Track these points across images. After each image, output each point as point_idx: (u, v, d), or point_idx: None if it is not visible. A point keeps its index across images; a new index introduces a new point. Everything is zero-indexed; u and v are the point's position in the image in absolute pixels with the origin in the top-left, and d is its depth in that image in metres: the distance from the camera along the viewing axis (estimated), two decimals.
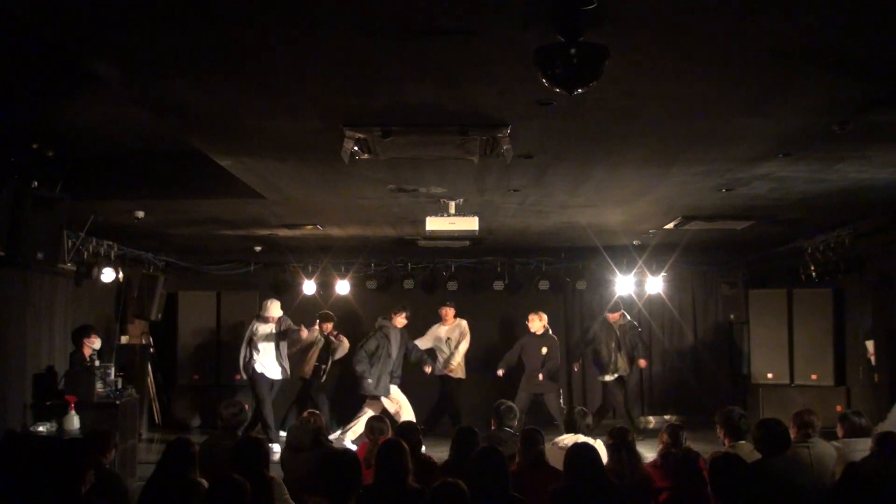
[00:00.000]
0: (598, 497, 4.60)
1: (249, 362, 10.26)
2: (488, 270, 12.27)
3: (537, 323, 10.89)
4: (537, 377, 10.68)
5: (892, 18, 3.21)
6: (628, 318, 11.38)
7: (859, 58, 3.67)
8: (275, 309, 10.44)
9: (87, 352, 8.79)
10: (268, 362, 10.29)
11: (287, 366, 10.45)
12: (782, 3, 3.08)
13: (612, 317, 11.24)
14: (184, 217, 8.30)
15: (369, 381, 10.03)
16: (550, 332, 11.04)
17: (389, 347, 10.19)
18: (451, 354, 11.15)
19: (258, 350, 10.25)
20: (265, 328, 10.34)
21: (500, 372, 10.97)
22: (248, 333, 10.37)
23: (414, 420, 9.32)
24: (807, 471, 5.35)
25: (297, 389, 10.97)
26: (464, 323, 11.36)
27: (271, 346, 10.33)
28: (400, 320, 10.45)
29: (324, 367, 10.85)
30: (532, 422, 10.51)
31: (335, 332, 10.95)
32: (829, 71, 3.81)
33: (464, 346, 11.23)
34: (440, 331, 11.29)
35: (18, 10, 3.19)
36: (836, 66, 3.74)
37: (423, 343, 11.08)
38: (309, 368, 10.90)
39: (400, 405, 10.25)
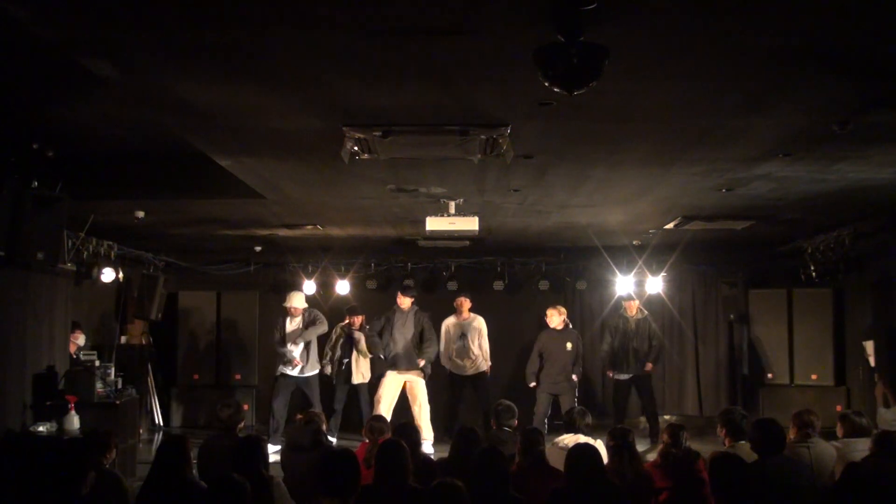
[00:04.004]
0: (598, 497, 4.60)
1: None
2: (488, 270, 12.26)
3: (557, 318, 10.51)
4: (560, 376, 10.35)
5: (891, 18, 3.21)
6: (645, 312, 10.95)
7: (859, 58, 3.67)
8: (297, 300, 10.28)
9: (72, 348, 8.78)
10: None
11: (317, 360, 10.31)
12: (782, 3, 3.08)
13: (630, 306, 10.78)
14: (184, 217, 8.30)
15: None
16: (570, 325, 10.75)
17: (391, 330, 10.13)
18: (467, 350, 10.76)
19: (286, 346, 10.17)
20: (291, 324, 10.24)
21: (533, 384, 10.53)
22: (277, 333, 10.26)
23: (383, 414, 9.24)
24: (806, 471, 5.35)
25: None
26: (480, 319, 10.95)
27: (299, 342, 10.23)
28: (402, 300, 10.19)
29: (346, 361, 10.64)
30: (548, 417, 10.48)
31: (365, 326, 10.76)
32: (829, 71, 3.81)
33: (483, 343, 10.86)
34: (451, 324, 10.93)
35: (18, 10, 3.19)
36: (836, 66, 3.74)
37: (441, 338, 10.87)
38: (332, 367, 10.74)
39: (380, 396, 10.07)
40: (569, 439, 6.00)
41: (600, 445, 5.46)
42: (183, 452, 5.00)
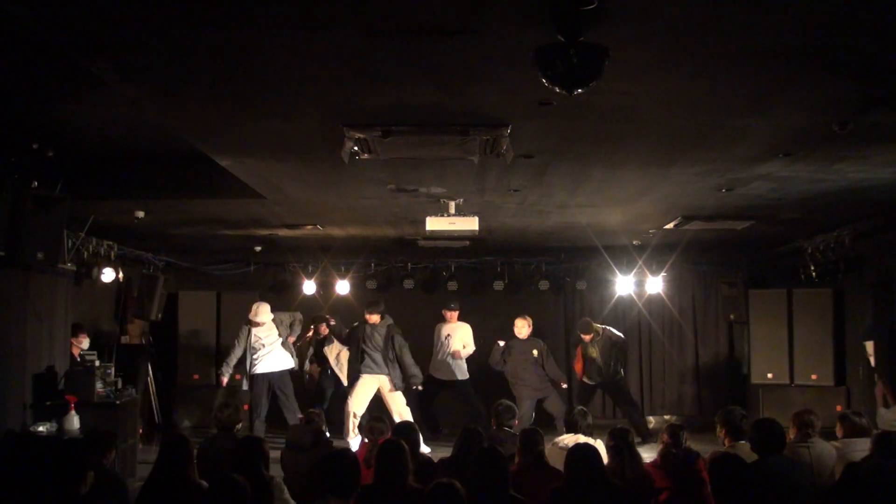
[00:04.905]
0: (598, 497, 4.60)
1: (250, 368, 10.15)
2: (488, 270, 12.26)
3: (526, 329, 10.72)
4: (538, 382, 10.50)
5: (891, 18, 3.21)
6: (601, 331, 10.81)
7: (859, 58, 3.67)
8: (264, 314, 10.21)
9: (75, 351, 8.78)
10: (269, 358, 10.15)
11: (292, 351, 10.33)
12: (782, 3, 3.08)
13: (586, 338, 10.82)
14: (184, 217, 8.30)
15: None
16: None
17: (360, 342, 10.01)
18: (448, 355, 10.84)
19: (256, 351, 10.12)
20: (261, 331, 10.20)
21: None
22: (245, 341, 10.14)
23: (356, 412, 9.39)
24: (806, 471, 5.35)
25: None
26: (466, 326, 11.04)
27: (273, 342, 10.20)
28: (371, 317, 10.04)
29: (327, 366, 10.71)
30: (532, 422, 10.42)
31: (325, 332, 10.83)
32: (829, 71, 3.81)
33: (464, 348, 10.90)
34: (441, 330, 11.02)
35: (18, 10, 3.19)
36: (836, 66, 3.74)
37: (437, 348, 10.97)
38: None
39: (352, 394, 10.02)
40: (569, 439, 6.00)
41: (600, 445, 5.47)
42: (186, 452, 5.00)
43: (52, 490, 4.42)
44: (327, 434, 9.69)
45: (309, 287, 11.85)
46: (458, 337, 10.91)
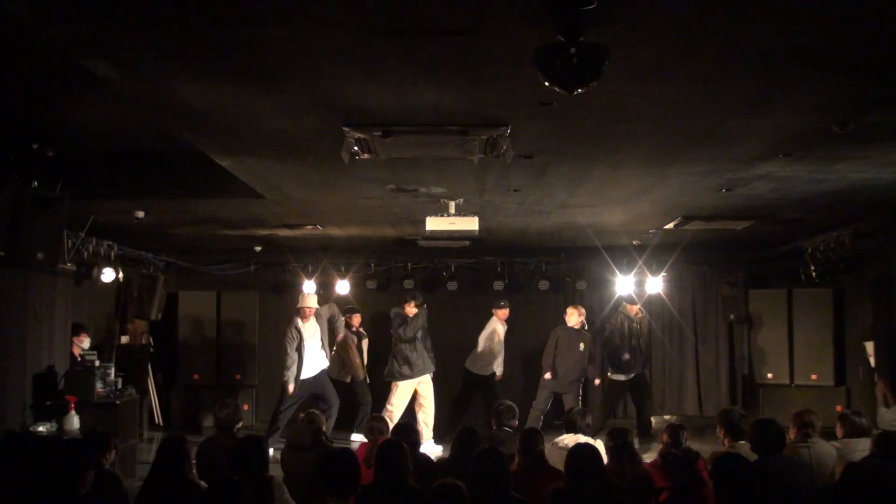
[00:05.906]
0: (598, 497, 4.60)
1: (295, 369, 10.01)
2: (488, 270, 12.27)
3: (576, 317, 10.68)
4: (568, 375, 10.50)
5: (891, 19, 3.21)
6: (644, 312, 11.06)
7: (859, 58, 3.67)
8: (311, 300, 10.32)
9: (76, 351, 8.78)
10: (310, 360, 10.11)
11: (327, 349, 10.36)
12: (782, 3, 3.08)
13: (633, 309, 10.85)
14: (184, 217, 8.30)
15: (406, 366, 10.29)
16: (586, 328, 10.86)
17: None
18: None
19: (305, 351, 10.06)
20: (307, 329, 10.16)
21: (549, 375, 10.60)
22: (294, 340, 10.04)
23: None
24: (806, 471, 5.35)
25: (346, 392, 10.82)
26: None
27: (315, 340, 10.21)
28: (410, 309, 10.44)
29: (360, 362, 10.83)
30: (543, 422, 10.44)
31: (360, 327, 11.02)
32: (829, 71, 3.81)
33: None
34: (501, 330, 11.23)
35: (18, 10, 3.19)
36: (836, 66, 3.74)
37: (485, 342, 11.17)
38: (357, 371, 10.82)
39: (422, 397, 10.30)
40: (569, 439, 6.01)
41: (600, 445, 5.47)
42: (183, 452, 5.01)
43: (51, 490, 4.42)
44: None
45: (309, 287, 11.85)
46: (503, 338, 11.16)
